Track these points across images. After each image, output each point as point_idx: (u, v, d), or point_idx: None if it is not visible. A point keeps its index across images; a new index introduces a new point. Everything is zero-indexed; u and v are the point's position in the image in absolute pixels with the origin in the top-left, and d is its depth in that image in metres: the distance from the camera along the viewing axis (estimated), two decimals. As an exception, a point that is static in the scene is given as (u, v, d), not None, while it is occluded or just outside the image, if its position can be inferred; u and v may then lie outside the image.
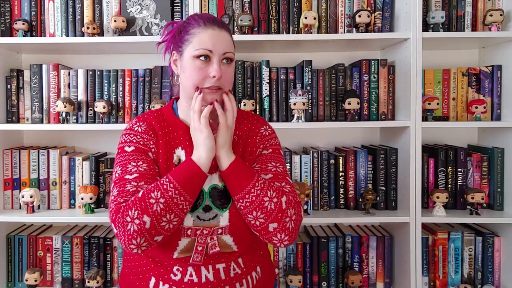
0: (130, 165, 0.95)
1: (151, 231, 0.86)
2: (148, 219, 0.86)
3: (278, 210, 0.93)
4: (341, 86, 1.66)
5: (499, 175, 1.63)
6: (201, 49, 0.96)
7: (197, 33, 0.98)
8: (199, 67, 0.96)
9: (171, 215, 0.87)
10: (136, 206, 0.87)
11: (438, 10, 1.62)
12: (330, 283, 1.66)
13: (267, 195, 0.93)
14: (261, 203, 0.92)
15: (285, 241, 0.94)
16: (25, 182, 1.65)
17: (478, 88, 1.68)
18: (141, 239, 0.87)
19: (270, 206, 0.93)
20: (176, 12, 1.65)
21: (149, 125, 1.02)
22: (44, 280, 1.66)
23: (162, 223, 0.87)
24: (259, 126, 1.08)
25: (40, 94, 1.65)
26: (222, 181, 0.99)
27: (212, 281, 0.95)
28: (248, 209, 0.93)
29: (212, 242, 0.96)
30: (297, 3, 1.62)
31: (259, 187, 0.93)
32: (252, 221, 0.94)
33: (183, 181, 0.89)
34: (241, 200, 0.93)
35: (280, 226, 0.93)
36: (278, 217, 0.93)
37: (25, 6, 1.65)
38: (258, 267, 1.03)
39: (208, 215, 0.96)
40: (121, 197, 0.90)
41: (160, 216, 0.86)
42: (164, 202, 0.86)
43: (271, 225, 0.93)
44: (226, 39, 1.00)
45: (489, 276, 1.62)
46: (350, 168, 1.66)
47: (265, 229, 0.94)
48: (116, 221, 0.88)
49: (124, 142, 0.99)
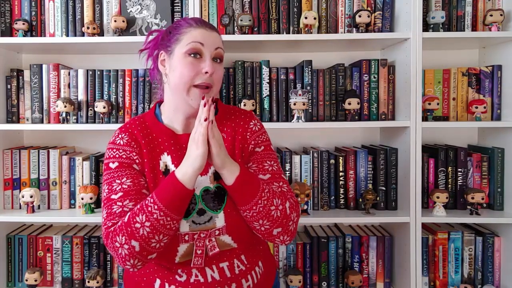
0: (115, 183, 0.95)
1: (142, 252, 0.87)
2: (137, 243, 0.86)
3: (283, 217, 0.95)
4: (341, 86, 1.66)
5: (499, 175, 1.63)
6: (193, 43, 0.96)
7: (188, 32, 0.98)
8: (191, 63, 0.96)
9: (159, 235, 0.87)
10: (122, 232, 0.87)
11: (438, 10, 1.62)
12: (330, 283, 1.66)
13: (273, 204, 0.94)
14: (268, 213, 0.93)
15: (286, 241, 0.98)
16: (25, 182, 1.65)
17: (478, 88, 1.68)
18: (134, 260, 0.88)
19: (276, 214, 0.94)
20: (176, 12, 1.65)
21: (131, 135, 1.01)
22: (44, 280, 1.66)
23: (152, 244, 0.87)
24: (248, 121, 1.07)
25: (40, 94, 1.65)
26: (214, 183, 0.99)
27: (218, 279, 0.95)
28: (254, 218, 0.94)
29: (211, 244, 0.96)
30: (297, 3, 1.62)
31: (265, 197, 0.93)
32: (257, 227, 0.95)
33: (168, 201, 0.87)
34: (248, 211, 0.93)
35: (283, 230, 0.95)
36: (283, 223, 0.95)
37: (25, 6, 1.65)
38: (260, 261, 1.04)
39: (203, 219, 0.96)
40: (109, 220, 0.91)
41: (148, 238, 0.86)
42: (150, 225, 0.86)
43: (276, 230, 0.95)
44: (217, 37, 1.01)
45: (489, 276, 1.62)
46: (350, 168, 1.66)
47: (269, 233, 0.96)
48: (108, 246, 0.90)
49: (108, 158, 1.00)
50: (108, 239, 0.89)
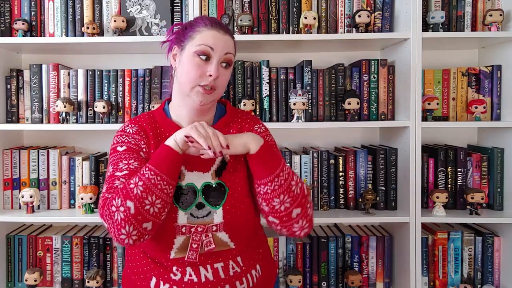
0: (121, 163, 0.96)
1: (137, 216, 0.86)
2: (131, 204, 0.86)
3: (302, 195, 0.95)
4: (341, 86, 1.66)
5: (499, 175, 1.63)
6: (203, 45, 0.97)
7: (201, 31, 0.99)
8: (198, 64, 0.97)
9: (152, 196, 0.87)
10: (118, 195, 0.88)
11: (438, 10, 1.62)
12: (330, 283, 1.66)
13: (293, 179, 0.95)
14: (289, 187, 0.93)
15: (305, 228, 0.96)
16: (25, 182, 1.65)
17: (478, 88, 1.68)
18: (129, 226, 0.86)
19: (296, 190, 0.94)
20: (176, 12, 1.65)
21: (140, 127, 1.04)
22: (44, 280, 1.66)
23: (146, 206, 0.87)
24: (253, 124, 1.08)
25: (40, 94, 1.65)
26: (215, 179, 1.00)
27: (211, 280, 0.95)
28: (276, 192, 0.93)
29: (207, 239, 0.96)
30: (297, 3, 1.62)
31: (286, 171, 0.95)
32: (277, 206, 0.94)
33: (157, 162, 0.90)
34: (270, 183, 0.93)
35: (303, 212, 0.95)
36: (302, 202, 0.94)
37: (25, 6, 1.65)
38: (258, 265, 1.03)
39: (201, 212, 0.97)
40: (109, 193, 0.92)
41: (142, 198, 0.86)
42: (143, 185, 0.87)
43: (295, 210, 0.94)
44: (229, 42, 1.01)
45: (488, 276, 1.62)
46: (350, 168, 1.66)
47: (288, 215, 0.94)
48: (104, 215, 0.89)
49: (116, 143, 1.01)
50: (105, 207, 0.89)
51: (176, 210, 0.96)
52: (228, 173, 1.01)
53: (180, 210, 0.96)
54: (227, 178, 1.00)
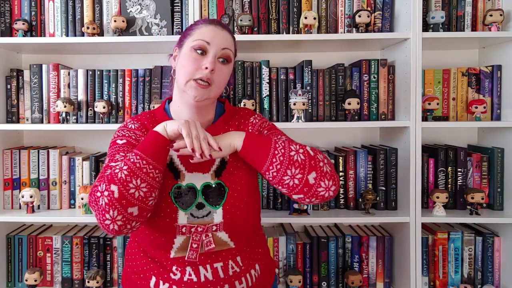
0: (118, 155, 0.96)
1: (121, 200, 0.84)
2: (115, 187, 0.84)
3: (309, 158, 0.92)
4: (341, 86, 1.66)
5: (499, 175, 1.63)
6: (199, 40, 0.98)
7: (199, 28, 1.01)
8: (195, 58, 0.98)
9: (137, 180, 0.85)
10: (103, 180, 0.86)
11: (438, 10, 1.62)
12: (330, 283, 1.66)
13: (291, 149, 0.93)
14: (291, 158, 0.92)
15: (331, 186, 0.92)
16: (25, 182, 1.65)
17: (478, 88, 1.68)
18: (113, 211, 0.84)
19: (299, 157, 0.92)
20: (176, 12, 1.65)
21: (141, 124, 1.06)
22: (44, 280, 1.66)
23: (131, 190, 0.84)
24: (248, 117, 1.10)
25: (40, 94, 1.65)
26: (215, 179, 1.00)
27: (211, 280, 0.96)
28: (281, 171, 0.92)
29: (207, 239, 0.97)
30: (297, 3, 1.62)
31: (280, 146, 0.94)
32: (290, 182, 0.92)
33: (144, 146, 0.89)
34: (271, 166, 0.93)
35: (318, 173, 0.92)
36: (312, 165, 0.92)
37: (25, 6, 1.65)
38: (257, 264, 1.04)
39: (201, 212, 0.97)
40: (99, 181, 0.89)
41: (126, 182, 0.84)
42: (127, 169, 0.85)
43: (310, 176, 0.91)
44: (227, 37, 1.02)
45: (489, 276, 1.62)
46: (350, 168, 1.66)
47: (306, 185, 0.91)
48: (91, 202, 0.87)
49: (117, 137, 1.02)
50: (92, 194, 0.88)
51: (176, 210, 0.96)
52: (228, 173, 1.01)
53: (180, 210, 0.96)
54: (227, 178, 1.00)
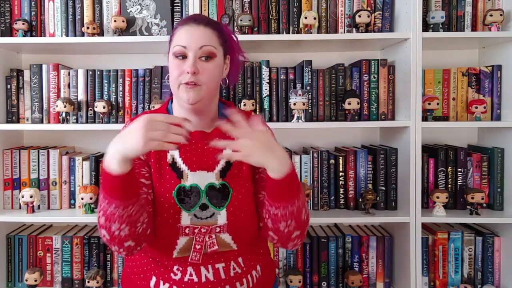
0: None
1: (114, 240, 0.88)
2: (104, 231, 0.88)
3: (306, 221, 0.96)
4: (341, 86, 1.66)
5: (499, 175, 1.63)
6: (176, 46, 0.98)
7: (176, 32, 1.00)
8: (177, 65, 0.98)
9: (115, 223, 0.85)
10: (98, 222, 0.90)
11: (438, 10, 1.62)
12: (330, 283, 1.65)
13: (304, 206, 0.95)
14: (299, 214, 0.93)
15: (297, 245, 0.99)
16: (25, 182, 1.65)
17: (478, 88, 1.68)
18: (114, 246, 0.89)
19: (304, 217, 0.95)
20: (176, 12, 1.65)
21: None
22: (44, 280, 1.66)
23: (115, 233, 0.86)
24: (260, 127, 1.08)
25: (40, 94, 1.64)
26: (219, 180, 0.99)
27: (212, 280, 0.95)
28: (285, 217, 0.92)
29: (211, 240, 0.96)
30: (297, 3, 1.62)
31: (302, 198, 0.94)
32: (282, 228, 0.94)
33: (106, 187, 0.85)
34: (282, 208, 0.91)
35: (301, 233, 0.96)
36: (303, 227, 0.96)
37: (25, 6, 1.65)
38: (258, 265, 1.04)
39: (205, 214, 0.97)
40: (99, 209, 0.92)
41: (108, 227, 0.86)
42: (103, 215, 0.86)
43: (296, 232, 0.95)
44: (203, 33, 0.97)
45: (489, 276, 1.62)
46: (350, 168, 1.66)
47: (288, 236, 0.95)
48: None
49: None
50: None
51: (179, 211, 0.96)
52: (232, 174, 1.01)
53: (184, 211, 0.96)
54: (231, 179, 1.00)
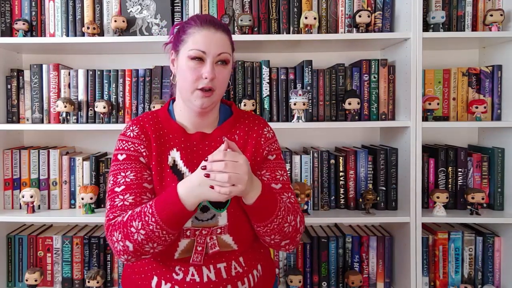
0: (119, 175, 0.98)
1: (136, 252, 0.90)
2: (131, 245, 0.89)
3: (293, 231, 0.98)
4: (341, 86, 1.66)
5: (499, 175, 1.63)
6: (195, 50, 0.96)
7: (192, 33, 0.98)
8: (193, 68, 0.96)
9: (154, 243, 0.89)
10: (119, 230, 0.90)
11: (438, 10, 1.62)
12: (330, 283, 1.65)
13: (287, 221, 0.96)
14: (281, 229, 0.96)
15: (291, 249, 1.03)
16: (25, 182, 1.65)
17: (479, 88, 1.68)
18: (128, 256, 0.91)
19: (288, 230, 0.97)
20: (176, 12, 1.65)
21: (141, 128, 1.03)
22: (44, 280, 1.66)
23: (146, 249, 0.90)
24: (262, 127, 1.09)
25: (40, 94, 1.65)
26: None
27: (214, 280, 0.96)
28: (267, 233, 0.96)
29: (212, 241, 0.97)
30: (297, 3, 1.62)
31: (280, 216, 0.94)
32: (268, 240, 0.99)
33: (166, 217, 0.87)
34: (262, 227, 0.96)
35: (291, 241, 0.99)
36: (292, 236, 0.98)
37: (25, 6, 1.65)
38: (259, 265, 1.04)
39: (206, 216, 0.97)
40: (111, 212, 0.95)
41: (142, 244, 0.89)
42: (145, 234, 0.88)
43: (284, 241, 0.98)
44: (221, 40, 0.98)
45: (489, 276, 1.62)
46: (350, 168, 1.66)
47: (277, 244, 0.99)
48: (108, 239, 0.94)
49: (117, 149, 1.02)
50: (108, 232, 0.93)
51: None
52: None
53: None
54: None
